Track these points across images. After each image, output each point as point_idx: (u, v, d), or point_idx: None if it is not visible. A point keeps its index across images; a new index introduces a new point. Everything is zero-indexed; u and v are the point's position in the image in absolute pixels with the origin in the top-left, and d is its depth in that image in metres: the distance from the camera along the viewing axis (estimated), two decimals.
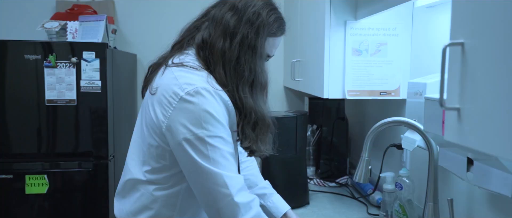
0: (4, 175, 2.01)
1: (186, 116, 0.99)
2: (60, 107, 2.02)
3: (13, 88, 2.00)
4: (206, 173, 1.00)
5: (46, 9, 2.58)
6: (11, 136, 2.03)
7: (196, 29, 1.15)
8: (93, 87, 2.02)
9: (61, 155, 2.06)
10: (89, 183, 2.08)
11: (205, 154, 0.99)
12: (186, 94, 0.99)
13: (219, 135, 1.01)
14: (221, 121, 1.01)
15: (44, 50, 2.00)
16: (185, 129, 0.99)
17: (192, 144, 0.99)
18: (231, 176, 1.01)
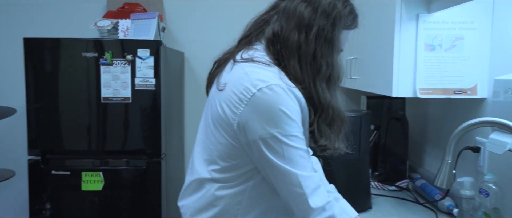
0: (62, 171, 2.04)
1: (259, 114, 0.94)
2: (115, 105, 2.03)
3: (70, 85, 2.03)
4: (280, 172, 0.96)
5: (97, 8, 2.62)
6: (68, 133, 2.06)
7: (265, 22, 1.09)
8: (147, 85, 2.01)
9: (115, 153, 2.08)
10: (142, 181, 2.08)
11: (280, 153, 0.95)
12: (258, 91, 0.94)
13: (294, 134, 0.96)
14: (295, 119, 0.96)
15: (100, 48, 2.01)
16: (258, 127, 0.94)
17: (266, 142, 0.95)
18: (306, 176, 0.97)
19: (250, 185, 1.04)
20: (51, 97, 2.03)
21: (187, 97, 2.71)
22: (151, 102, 2.04)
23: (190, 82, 2.70)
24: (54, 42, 2.02)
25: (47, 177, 2.07)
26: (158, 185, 2.09)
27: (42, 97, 2.03)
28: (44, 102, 2.04)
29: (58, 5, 2.60)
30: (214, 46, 2.63)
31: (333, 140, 1.03)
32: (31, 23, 2.56)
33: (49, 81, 2.03)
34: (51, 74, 2.03)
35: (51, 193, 2.10)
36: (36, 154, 2.07)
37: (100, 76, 2.01)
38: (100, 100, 2.02)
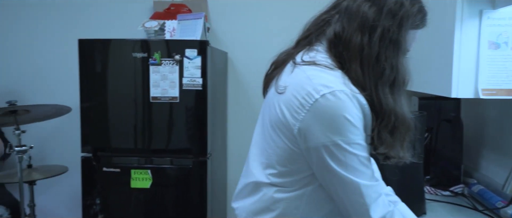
0: (112, 169, 2.10)
1: (322, 121, 0.91)
2: (163, 105, 2.07)
3: (121, 85, 2.09)
4: (342, 180, 0.93)
5: (144, 9, 2.68)
6: (118, 132, 2.12)
7: (325, 23, 1.05)
8: (194, 85, 2.04)
9: (162, 151, 2.11)
10: (188, 180, 2.11)
11: (342, 161, 0.92)
12: (322, 97, 0.91)
13: (357, 141, 0.93)
14: (358, 126, 0.93)
15: (149, 48, 2.05)
16: (320, 134, 0.91)
17: (328, 150, 0.92)
18: (368, 185, 0.94)
19: (309, 190, 1.01)
20: (103, 96, 2.10)
21: (230, 97, 2.72)
22: (198, 102, 2.06)
23: (233, 82, 2.71)
24: (106, 43, 2.09)
25: (98, 174, 2.13)
26: (204, 185, 2.11)
27: (94, 96, 2.11)
28: (96, 101, 2.11)
29: (107, 7, 2.69)
30: (257, 47, 2.67)
31: (396, 148, 0.97)
32: (83, 25, 2.66)
33: (101, 81, 2.10)
34: (103, 74, 2.09)
35: (101, 189, 2.17)
36: (88, 151, 2.15)
37: (149, 76, 2.05)
38: (149, 99, 2.06)
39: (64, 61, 2.63)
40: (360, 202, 0.93)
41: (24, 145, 1.92)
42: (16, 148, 1.88)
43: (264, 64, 2.62)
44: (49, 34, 2.67)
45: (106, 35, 2.19)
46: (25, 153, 1.93)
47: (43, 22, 2.67)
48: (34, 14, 2.67)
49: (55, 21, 2.66)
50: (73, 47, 2.12)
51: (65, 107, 2.05)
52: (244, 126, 2.72)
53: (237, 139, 2.73)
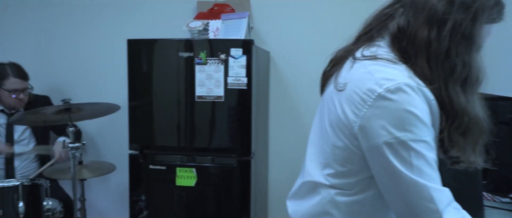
0: (159, 166, 2.14)
1: (385, 116, 0.86)
2: (208, 104, 2.08)
3: (167, 84, 2.12)
4: (408, 183, 0.86)
5: (187, 9, 2.71)
6: (164, 130, 2.15)
7: (388, 17, 1.00)
8: (239, 84, 2.03)
9: (207, 150, 2.13)
10: (231, 179, 2.11)
11: (407, 161, 0.85)
12: (385, 91, 0.86)
13: (424, 139, 0.86)
14: (426, 122, 0.86)
15: (195, 48, 2.07)
16: (384, 131, 0.86)
17: (392, 148, 0.86)
18: (438, 189, 0.87)
19: (370, 195, 0.97)
20: (150, 95, 2.14)
21: (272, 97, 2.70)
22: (242, 101, 2.06)
23: (275, 82, 2.69)
24: (154, 43, 2.13)
25: (145, 171, 2.18)
26: (247, 184, 2.10)
27: (142, 95, 2.15)
28: (143, 99, 2.16)
29: (152, 7, 2.74)
30: (299, 46, 2.64)
31: (468, 152, 0.91)
32: (129, 25, 2.73)
33: (148, 80, 2.14)
34: (150, 73, 2.14)
35: (147, 186, 2.22)
36: (135, 149, 2.20)
37: (195, 75, 2.07)
38: (194, 98, 2.09)
39: (114, 61, 2.71)
40: (432, 209, 0.85)
41: (78, 141, 1.99)
42: (70, 145, 1.96)
43: (306, 64, 2.62)
44: (99, 35, 2.77)
45: (151, 35, 2.23)
46: (78, 149, 2.00)
47: (94, 23, 2.77)
48: (86, 16, 2.77)
49: (104, 21, 2.75)
50: (122, 47, 2.17)
51: (114, 106, 2.11)
52: (286, 126, 2.69)
53: (278, 138, 2.71)
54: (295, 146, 2.68)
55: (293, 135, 2.70)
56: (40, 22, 2.84)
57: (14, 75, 2.33)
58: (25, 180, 1.88)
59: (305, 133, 2.65)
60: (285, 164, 2.71)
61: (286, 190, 2.76)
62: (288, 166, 2.70)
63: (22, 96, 2.36)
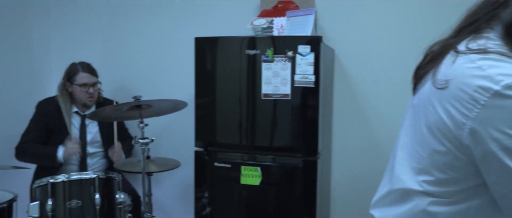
0: (224, 164, 2.15)
1: (504, 117, 0.76)
2: (274, 102, 2.05)
3: (233, 82, 2.12)
4: None
5: (250, 7, 2.70)
6: (230, 127, 2.16)
7: (500, 5, 0.87)
8: (307, 82, 1.98)
9: (272, 149, 2.10)
10: (297, 179, 2.07)
11: None
12: (504, 88, 0.76)
13: None
14: None
15: (262, 45, 2.05)
16: (502, 134, 0.75)
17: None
18: None
19: (474, 205, 0.86)
20: (216, 92, 2.16)
21: (336, 96, 2.62)
22: (309, 100, 2.01)
23: (339, 80, 2.61)
24: (221, 40, 2.14)
25: (210, 168, 2.20)
26: (313, 185, 2.05)
27: (208, 92, 2.17)
28: (209, 97, 2.17)
29: (216, 5, 2.76)
30: (366, 44, 2.53)
31: None
32: (194, 23, 2.77)
33: (214, 77, 2.16)
34: (217, 71, 2.15)
35: (211, 183, 2.23)
36: (200, 146, 2.22)
37: (261, 73, 2.05)
38: (261, 96, 2.07)
39: (180, 59, 2.78)
40: None
41: (146, 137, 2.05)
42: (140, 140, 2.02)
43: (373, 63, 2.51)
44: (165, 33, 2.84)
45: (214, 33, 2.25)
46: (147, 145, 2.06)
47: (160, 22, 2.85)
48: (152, 16, 2.86)
49: (170, 20, 2.82)
50: (187, 45, 2.21)
51: (182, 103, 2.14)
52: (350, 126, 2.60)
53: (342, 139, 2.63)
54: (358, 147, 2.58)
55: (357, 136, 2.60)
56: (108, 22, 2.98)
57: (83, 71, 2.46)
58: (101, 173, 1.96)
59: (370, 134, 2.58)
60: (348, 165, 2.62)
61: (348, 192, 2.69)
62: (351, 167, 2.61)
63: (91, 91, 2.47)
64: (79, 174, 1.92)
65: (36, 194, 1.88)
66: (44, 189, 1.84)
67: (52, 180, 1.85)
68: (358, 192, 2.56)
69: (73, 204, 1.84)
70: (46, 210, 1.79)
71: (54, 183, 1.85)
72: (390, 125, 2.50)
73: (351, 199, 2.61)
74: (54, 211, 1.80)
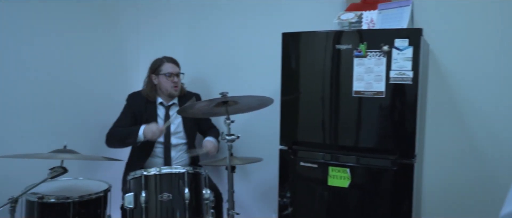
0: (310, 164, 2.07)
1: None
2: (366, 100, 1.93)
3: (321, 78, 2.04)
4: None
5: (337, 1, 2.58)
6: (317, 126, 2.07)
7: None
8: (404, 79, 1.83)
9: (363, 150, 1.97)
10: (389, 183, 1.92)
11: None
12: None
13: None
14: None
15: (354, 40, 1.94)
16: None
17: None
18: None
19: None
20: (303, 89, 2.08)
21: (430, 93, 2.40)
22: (407, 98, 1.85)
23: (433, 77, 2.39)
24: (310, 35, 2.06)
25: (294, 167, 2.13)
26: (409, 190, 1.88)
27: (294, 89, 2.11)
28: (296, 94, 2.11)
29: (301, 0, 2.69)
30: (467, 40, 2.27)
31: None
32: (279, 18, 2.71)
33: (301, 73, 2.09)
34: (304, 67, 2.08)
35: (295, 183, 2.17)
36: (285, 144, 2.16)
37: (353, 69, 1.93)
38: (351, 94, 1.95)
39: (264, 55, 2.75)
40: None
41: (233, 134, 2.03)
42: (227, 137, 2.01)
43: (473, 61, 2.25)
44: (252, 28, 2.82)
45: (299, 29, 2.17)
46: (233, 142, 2.04)
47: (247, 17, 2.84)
48: (240, 11, 2.86)
49: (256, 15, 2.79)
50: (274, 41, 2.16)
51: (268, 99, 2.09)
52: (445, 128, 2.37)
53: (435, 141, 2.40)
54: (455, 151, 2.35)
55: (453, 138, 2.36)
56: (194, 19, 3.04)
57: (167, 61, 2.59)
58: (190, 168, 1.98)
59: (468, 137, 2.32)
60: (442, 170, 2.39)
61: (441, 197, 2.44)
62: (446, 172, 2.38)
63: (176, 80, 2.57)
64: (169, 168, 1.96)
65: (130, 186, 1.96)
66: (138, 181, 1.91)
67: (146, 173, 1.90)
68: (454, 200, 2.33)
69: (164, 197, 1.88)
70: (140, 201, 1.85)
71: (147, 176, 1.91)
72: (492, 128, 2.24)
73: (445, 208, 2.38)
74: (147, 202, 1.85)
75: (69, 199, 1.92)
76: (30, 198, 1.92)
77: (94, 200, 2.00)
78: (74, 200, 1.93)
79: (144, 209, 1.84)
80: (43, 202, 1.90)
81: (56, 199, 1.92)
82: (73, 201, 1.93)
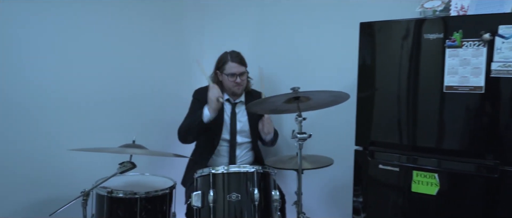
0: (390, 167, 1.86)
1: None
2: (460, 96, 1.69)
3: (405, 72, 1.82)
4: None
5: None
6: (399, 125, 1.86)
7: None
8: (509, 72, 1.57)
9: (454, 153, 1.73)
10: (489, 193, 1.66)
11: None
12: None
13: None
14: None
15: (447, 28, 1.70)
16: None
17: None
18: None
19: None
20: (382, 84, 1.88)
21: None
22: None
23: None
24: (392, 25, 1.85)
25: (370, 170, 1.94)
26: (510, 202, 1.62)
27: (372, 84, 1.92)
28: (374, 90, 1.91)
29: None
30: None
31: None
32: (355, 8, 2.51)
33: (381, 67, 1.89)
34: (385, 60, 1.87)
35: (370, 187, 1.97)
36: (361, 144, 1.98)
37: (443, 61, 1.70)
38: (442, 89, 1.72)
39: (338, 47, 2.56)
40: None
41: (304, 132, 1.88)
42: (298, 135, 1.86)
43: None
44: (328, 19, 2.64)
45: (376, 18, 1.97)
46: (305, 140, 1.89)
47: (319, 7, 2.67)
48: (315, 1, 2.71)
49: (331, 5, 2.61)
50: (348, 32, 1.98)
51: (344, 95, 1.91)
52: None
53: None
54: None
55: None
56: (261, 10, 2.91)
57: (232, 60, 2.45)
58: (259, 167, 1.87)
59: None
60: None
61: None
62: None
63: (239, 81, 2.45)
64: (237, 167, 1.86)
65: (197, 184, 1.88)
66: (206, 179, 1.82)
67: (214, 171, 1.82)
68: None
69: (233, 197, 1.78)
70: (208, 200, 1.76)
71: (215, 174, 1.82)
72: None
73: None
74: (215, 202, 1.76)
75: (136, 194, 1.92)
76: (100, 192, 1.95)
77: (160, 197, 1.99)
78: (141, 196, 1.93)
79: (212, 209, 1.75)
80: (112, 196, 1.91)
81: (124, 194, 1.93)
82: (140, 197, 1.93)
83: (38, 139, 2.20)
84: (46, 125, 2.23)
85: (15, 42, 2.08)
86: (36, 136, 2.20)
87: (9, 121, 2.08)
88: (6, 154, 2.08)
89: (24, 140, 2.15)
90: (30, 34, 2.13)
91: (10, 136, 2.09)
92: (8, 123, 2.08)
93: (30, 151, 2.17)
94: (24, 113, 2.14)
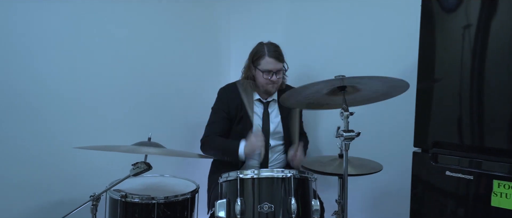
0: (460, 174, 1.50)
1: None
2: None
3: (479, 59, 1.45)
4: None
5: None
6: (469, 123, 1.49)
7: None
8: None
9: None
10: None
11: None
12: None
13: None
14: None
15: None
16: None
17: None
18: None
19: None
20: (450, 73, 1.52)
21: None
22: None
23: None
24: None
25: (434, 177, 1.58)
26: None
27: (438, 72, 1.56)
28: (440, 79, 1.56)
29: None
30: None
31: None
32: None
33: (448, 52, 1.52)
34: (453, 44, 1.51)
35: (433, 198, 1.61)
36: (421, 146, 1.62)
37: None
38: None
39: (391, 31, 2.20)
40: None
41: (352, 130, 1.55)
42: (344, 133, 1.53)
43: None
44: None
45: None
46: (351, 140, 1.56)
47: None
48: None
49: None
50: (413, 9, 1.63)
51: (401, 83, 1.54)
52: None
53: None
54: None
55: None
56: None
57: (269, 55, 2.13)
58: (295, 172, 1.55)
59: None
60: None
61: None
62: None
63: (274, 79, 2.15)
64: (270, 171, 1.55)
65: (222, 190, 1.60)
66: (232, 185, 1.53)
67: (241, 175, 1.52)
68: None
69: (265, 208, 1.47)
70: (235, 211, 1.46)
71: (243, 179, 1.52)
72: None
73: None
74: (243, 214, 1.46)
75: (153, 199, 1.71)
76: (114, 196, 1.74)
77: (181, 202, 1.77)
78: (159, 201, 1.72)
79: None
80: (126, 201, 1.70)
81: (140, 198, 1.71)
82: (158, 202, 1.71)
83: (46, 138, 2.03)
84: (54, 123, 2.06)
85: (26, 36, 1.94)
86: (45, 135, 2.03)
87: (15, 120, 1.92)
88: (9, 154, 1.91)
89: (30, 139, 1.98)
90: (44, 26, 2.00)
91: (16, 135, 1.93)
92: (14, 122, 1.92)
93: (35, 151, 1.99)
94: (31, 110, 1.98)
